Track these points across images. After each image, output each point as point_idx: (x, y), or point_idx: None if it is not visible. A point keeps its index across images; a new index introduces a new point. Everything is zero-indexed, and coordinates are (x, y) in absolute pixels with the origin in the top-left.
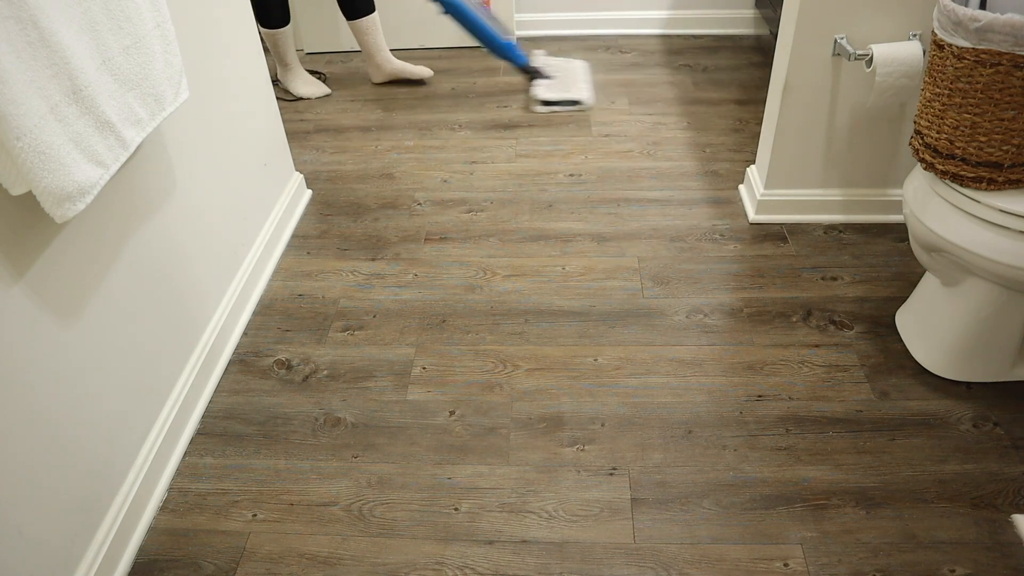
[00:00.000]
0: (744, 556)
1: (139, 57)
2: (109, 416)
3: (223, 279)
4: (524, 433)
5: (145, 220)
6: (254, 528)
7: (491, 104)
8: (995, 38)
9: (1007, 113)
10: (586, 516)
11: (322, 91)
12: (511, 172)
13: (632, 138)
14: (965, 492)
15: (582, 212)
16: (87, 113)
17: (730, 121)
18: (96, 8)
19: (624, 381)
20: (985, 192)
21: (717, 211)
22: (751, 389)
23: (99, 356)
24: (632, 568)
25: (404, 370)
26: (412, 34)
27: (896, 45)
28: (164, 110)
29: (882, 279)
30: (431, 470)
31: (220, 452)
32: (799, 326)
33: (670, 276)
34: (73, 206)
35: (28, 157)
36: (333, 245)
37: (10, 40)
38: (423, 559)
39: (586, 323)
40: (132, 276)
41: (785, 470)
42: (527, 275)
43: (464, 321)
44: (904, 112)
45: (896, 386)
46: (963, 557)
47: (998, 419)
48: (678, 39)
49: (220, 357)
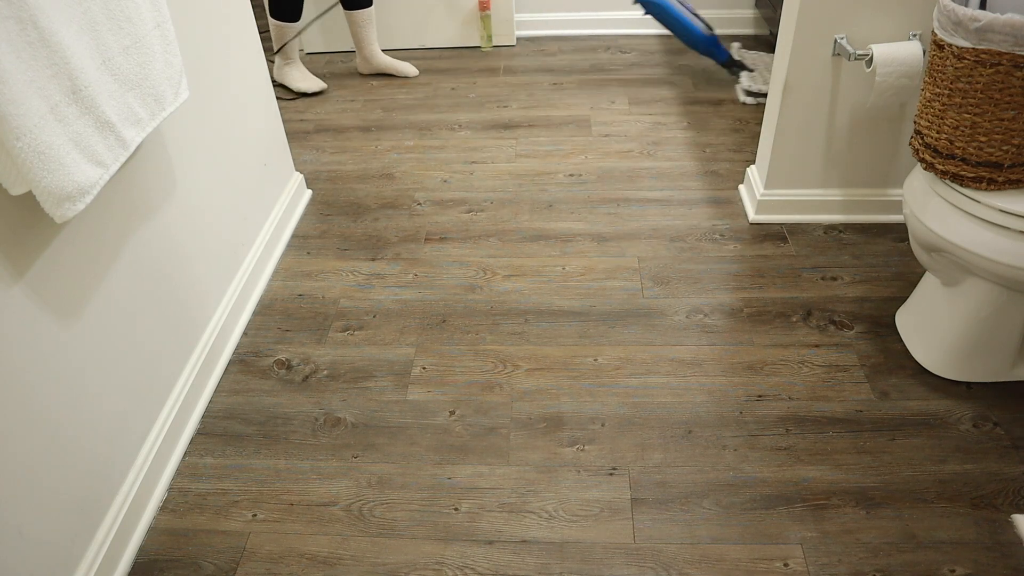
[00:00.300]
0: (744, 556)
1: (139, 57)
2: (109, 416)
3: (223, 279)
4: (524, 433)
5: (145, 220)
6: (254, 528)
7: (491, 104)
8: (995, 38)
9: (1007, 113)
10: (586, 516)
11: (319, 85)
12: (511, 172)
13: (632, 138)
14: (965, 492)
15: (582, 212)
16: (87, 113)
17: (730, 121)
18: (96, 8)
19: (624, 381)
20: (985, 192)
21: (717, 211)
22: (751, 389)
23: (99, 356)
24: (632, 568)
25: (404, 370)
26: (412, 34)
27: (896, 45)
28: (164, 110)
29: (882, 279)
30: (431, 470)
31: (220, 452)
32: (799, 326)
33: (670, 276)
34: (73, 206)
35: (28, 157)
36: (333, 245)
37: (10, 40)
38: (423, 559)
39: (586, 323)
40: (132, 276)
41: (785, 470)
42: (527, 275)
43: (464, 321)
44: (904, 112)
45: (896, 386)
46: (963, 557)
47: (998, 419)
48: (678, 39)
49: (220, 357)
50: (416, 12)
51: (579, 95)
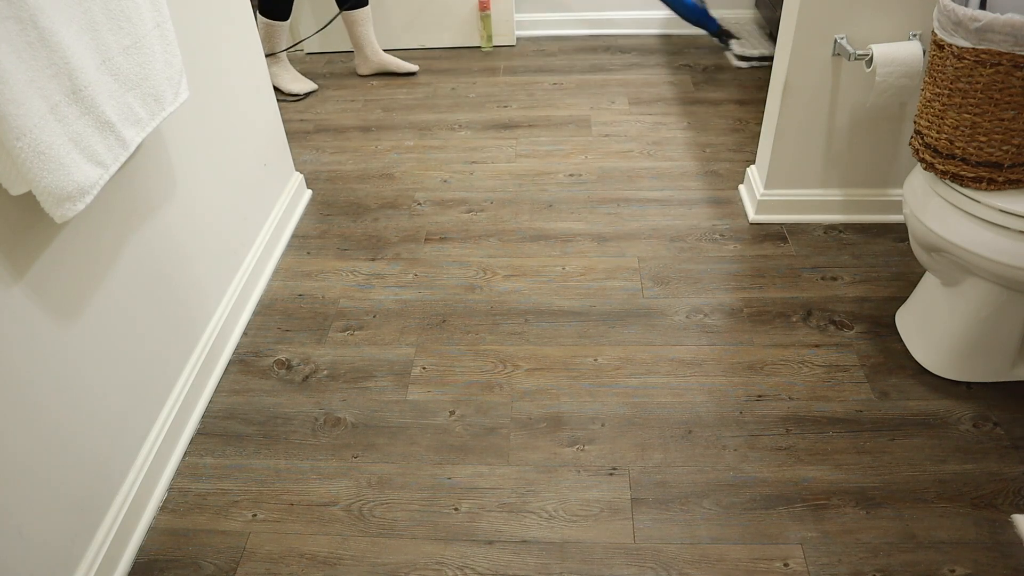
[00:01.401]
0: (744, 556)
1: (139, 57)
2: (109, 416)
3: (223, 279)
4: (524, 433)
5: (145, 220)
6: (254, 528)
7: (491, 104)
8: (995, 38)
9: (1007, 113)
10: (586, 516)
11: (310, 86)
12: (511, 172)
13: (632, 138)
14: (965, 492)
15: (582, 212)
16: (87, 113)
17: (730, 121)
18: (96, 8)
19: (624, 381)
20: (985, 192)
21: (717, 211)
22: (751, 389)
23: (99, 356)
24: (632, 568)
25: (404, 370)
26: (412, 34)
27: (896, 45)
28: (164, 110)
29: (882, 279)
30: (431, 470)
31: (220, 452)
32: (799, 326)
33: (670, 276)
34: (73, 206)
35: (28, 157)
36: (333, 245)
37: (10, 40)
38: (423, 559)
39: (586, 323)
40: (132, 276)
41: (785, 470)
42: (527, 275)
43: (464, 321)
44: (904, 112)
45: (896, 386)
46: (963, 557)
47: (998, 419)
48: (678, 39)
49: (220, 357)
50: (415, 12)
51: (579, 95)
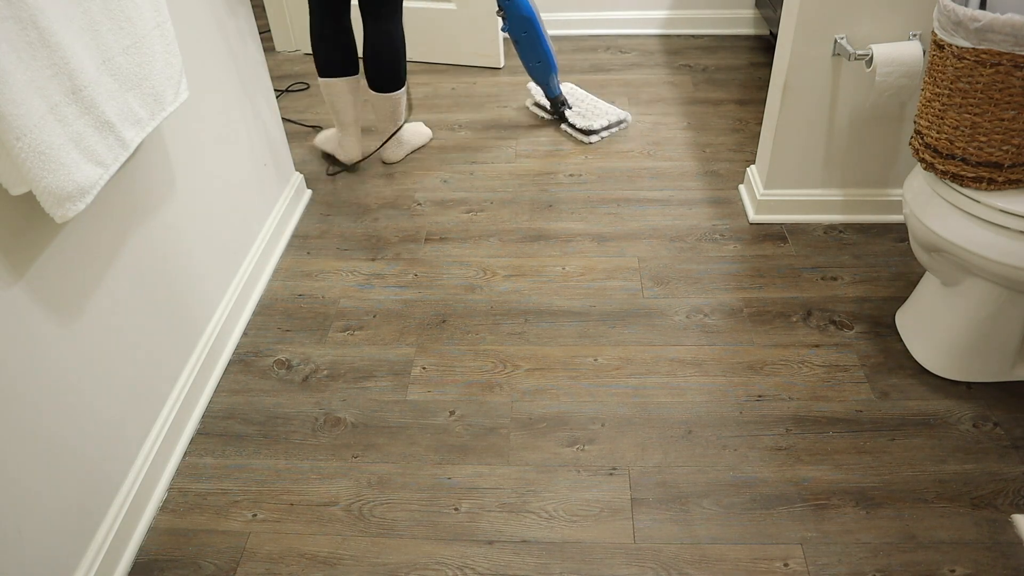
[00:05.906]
0: (744, 556)
1: (139, 57)
2: (109, 416)
3: (223, 279)
4: (524, 433)
5: (145, 220)
6: (254, 528)
7: (491, 104)
8: (995, 38)
9: (1007, 113)
10: (586, 516)
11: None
12: (511, 172)
13: (632, 138)
14: (965, 492)
15: (582, 212)
16: (87, 113)
17: (730, 121)
18: (96, 8)
19: (624, 381)
20: (985, 192)
21: (717, 211)
22: (751, 389)
23: (98, 356)
24: (632, 568)
25: (404, 370)
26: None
27: (896, 45)
28: (164, 110)
29: (882, 279)
30: (431, 470)
31: (220, 452)
32: (799, 326)
33: (670, 276)
34: (73, 206)
35: (28, 157)
36: (333, 245)
37: (10, 40)
38: (423, 559)
39: (586, 323)
40: (132, 276)
41: (785, 470)
42: (527, 275)
43: (464, 321)
44: (904, 112)
45: (896, 386)
46: (963, 557)
47: (998, 419)
48: (678, 39)
49: (220, 357)
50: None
51: None
